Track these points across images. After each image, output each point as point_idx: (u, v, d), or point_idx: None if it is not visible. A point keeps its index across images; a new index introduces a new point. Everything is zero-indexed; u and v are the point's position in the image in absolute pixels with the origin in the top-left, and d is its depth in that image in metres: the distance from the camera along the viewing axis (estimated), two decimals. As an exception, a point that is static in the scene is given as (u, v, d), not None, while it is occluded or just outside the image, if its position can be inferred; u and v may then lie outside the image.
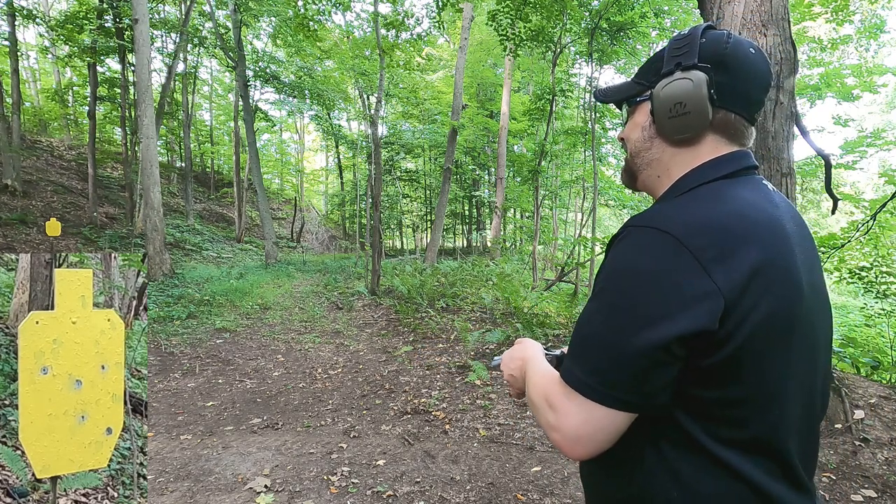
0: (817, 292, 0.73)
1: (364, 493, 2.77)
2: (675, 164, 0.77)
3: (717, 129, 0.74)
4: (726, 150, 0.75)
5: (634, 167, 0.84)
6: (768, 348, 0.64)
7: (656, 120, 0.76)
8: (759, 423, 0.65)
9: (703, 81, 0.71)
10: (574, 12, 8.19)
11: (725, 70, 0.71)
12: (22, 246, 10.09)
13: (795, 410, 0.69)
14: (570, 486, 2.78)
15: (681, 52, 0.74)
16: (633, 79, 0.84)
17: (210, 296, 8.73)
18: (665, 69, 0.76)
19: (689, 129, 0.73)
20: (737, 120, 0.74)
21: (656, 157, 0.79)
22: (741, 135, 0.75)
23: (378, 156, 10.27)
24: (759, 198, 0.71)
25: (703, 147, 0.75)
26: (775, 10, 2.59)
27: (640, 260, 0.65)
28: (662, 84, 0.75)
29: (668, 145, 0.77)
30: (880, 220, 4.48)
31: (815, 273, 0.73)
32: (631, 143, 0.83)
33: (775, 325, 0.64)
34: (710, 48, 0.73)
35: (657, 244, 0.65)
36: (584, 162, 13.59)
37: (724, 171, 0.73)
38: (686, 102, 0.72)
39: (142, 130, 9.34)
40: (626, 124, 0.86)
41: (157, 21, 13.48)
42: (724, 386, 0.64)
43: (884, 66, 9.66)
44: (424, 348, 6.16)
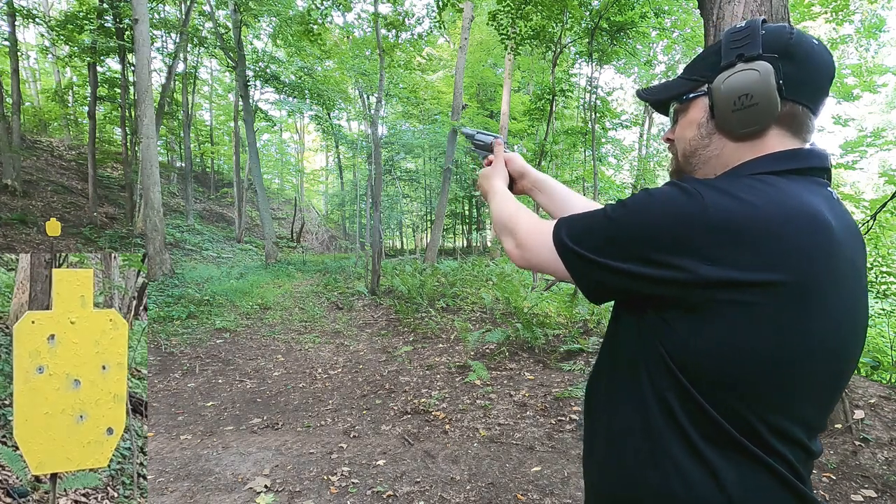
0: (852, 316, 0.68)
1: (364, 493, 2.77)
2: (737, 161, 0.73)
3: (782, 122, 0.71)
4: (791, 144, 0.71)
5: (689, 168, 0.79)
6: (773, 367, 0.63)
7: (717, 114, 0.73)
8: (777, 419, 0.65)
9: (770, 71, 0.67)
10: (574, 12, 8.19)
11: (792, 60, 0.68)
12: (22, 246, 10.09)
13: (810, 411, 0.68)
14: (570, 486, 2.77)
15: (741, 43, 0.71)
16: (682, 76, 0.81)
17: (210, 296, 8.73)
18: (724, 62, 0.72)
19: (757, 122, 0.70)
20: (803, 112, 0.71)
21: (715, 153, 0.75)
22: (806, 128, 0.72)
23: (378, 156, 10.27)
24: (814, 203, 0.65)
25: (768, 141, 0.71)
26: (775, 11, 2.59)
27: (658, 202, 0.66)
28: (724, 76, 0.71)
29: (729, 140, 0.74)
30: (880, 219, 4.48)
31: (856, 297, 0.69)
32: (685, 141, 0.79)
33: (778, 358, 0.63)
34: (773, 39, 0.70)
35: (681, 199, 0.64)
36: (584, 162, 13.59)
37: (785, 167, 0.69)
38: (753, 94, 0.68)
39: (142, 130, 9.34)
40: (676, 124, 0.82)
41: (157, 21, 13.49)
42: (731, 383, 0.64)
43: (884, 65, 9.67)
44: (424, 348, 6.16)
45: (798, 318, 0.62)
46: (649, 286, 0.66)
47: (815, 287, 0.62)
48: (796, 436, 0.67)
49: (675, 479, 0.66)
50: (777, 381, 0.64)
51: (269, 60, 15.98)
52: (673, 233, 0.63)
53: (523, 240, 0.83)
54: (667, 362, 0.67)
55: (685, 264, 0.62)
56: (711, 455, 0.65)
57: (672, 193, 0.65)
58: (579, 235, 0.73)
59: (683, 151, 0.80)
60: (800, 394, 0.66)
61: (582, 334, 5.70)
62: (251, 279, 10.49)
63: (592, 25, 8.66)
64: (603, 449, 0.77)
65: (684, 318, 0.65)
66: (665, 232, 0.64)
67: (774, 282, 0.60)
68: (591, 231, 0.72)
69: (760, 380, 0.63)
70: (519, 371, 4.90)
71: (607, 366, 0.80)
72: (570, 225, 0.75)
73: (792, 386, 0.65)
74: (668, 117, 0.85)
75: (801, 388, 0.65)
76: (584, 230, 0.73)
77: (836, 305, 0.65)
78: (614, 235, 0.68)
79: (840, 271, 0.64)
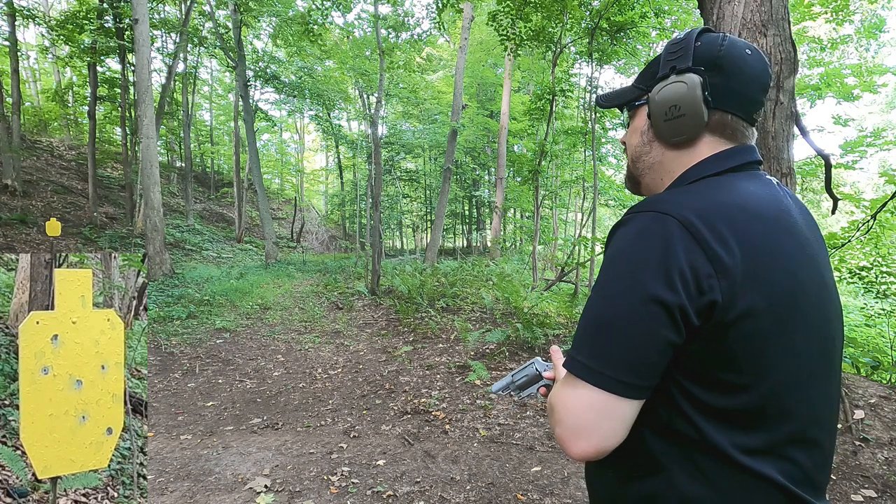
0: (825, 289, 0.72)
1: (364, 493, 2.77)
2: (677, 167, 0.77)
3: (714, 130, 0.74)
4: (725, 148, 0.75)
5: (637, 172, 0.84)
6: (766, 342, 0.64)
7: (653, 123, 0.77)
8: (775, 425, 0.65)
9: (696, 84, 0.71)
10: (574, 12, 8.19)
11: (720, 72, 0.72)
12: (22, 246, 10.09)
13: (809, 409, 0.68)
14: (570, 486, 2.78)
15: (676, 55, 0.75)
16: (633, 83, 0.85)
17: (210, 296, 8.73)
18: (661, 73, 0.77)
19: (686, 131, 0.74)
20: (734, 121, 0.74)
21: (657, 160, 0.79)
22: (740, 135, 0.75)
23: (378, 156, 10.27)
24: (763, 191, 0.71)
25: (701, 148, 0.75)
26: (775, 11, 2.59)
27: (640, 241, 0.66)
28: (658, 88, 0.76)
29: (666, 148, 0.78)
30: (880, 219, 4.47)
31: (823, 269, 0.72)
32: (631, 147, 0.84)
33: (772, 317, 0.64)
34: (704, 51, 0.73)
35: (658, 224, 0.65)
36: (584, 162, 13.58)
37: (726, 165, 0.73)
38: (681, 105, 0.72)
39: (142, 130, 9.34)
40: (628, 128, 0.86)
41: (157, 21, 13.47)
42: (728, 383, 0.64)
43: (884, 65, 9.67)
44: (424, 348, 6.16)
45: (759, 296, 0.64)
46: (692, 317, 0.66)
47: (795, 284, 0.66)
48: (804, 436, 0.67)
49: (667, 484, 0.67)
50: (770, 382, 0.65)
51: (269, 60, 15.97)
52: (668, 256, 0.66)
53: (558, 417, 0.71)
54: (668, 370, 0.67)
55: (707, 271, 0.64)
56: (702, 458, 0.66)
57: (635, 226, 0.68)
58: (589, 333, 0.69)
59: (631, 156, 0.85)
60: (797, 393, 0.67)
61: (582, 334, 5.70)
62: (251, 279, 10.49)
63: (592, 25, 8.66)
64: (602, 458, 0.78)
65: None
66: (661, 260, 0.66)
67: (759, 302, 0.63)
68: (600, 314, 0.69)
69: (754, 381, 0.64)
70: (519, 371, 4.90)
71: None
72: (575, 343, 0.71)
73: (786, 386, 0.66)
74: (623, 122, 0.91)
75: (797, 387, 0.66)
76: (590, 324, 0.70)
77: (807, 276, 0.69)
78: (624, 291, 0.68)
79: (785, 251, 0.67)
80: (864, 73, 9.18)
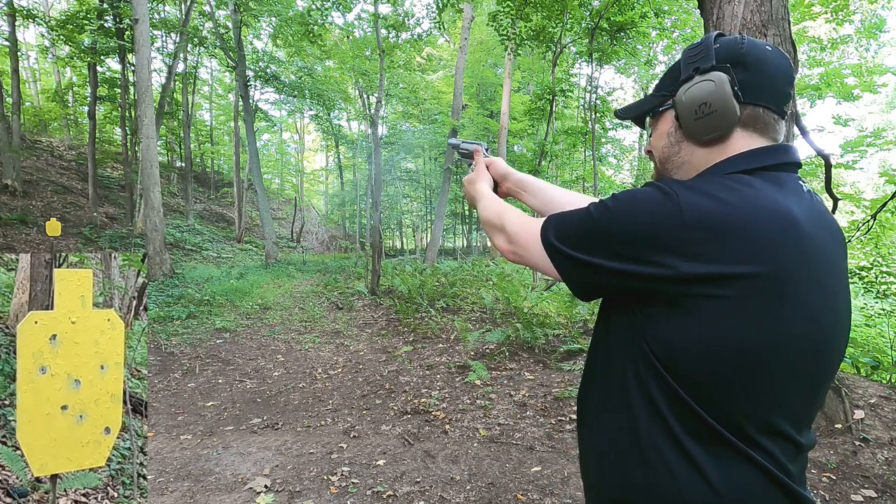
0: (832, 307, 0.69)
1: (364, 493, 2.77)
2: (708, 164, 0.77)
3: (746, 124, 0.74)
4: (758, 143, 0.75)
5: (667, 174, 0.84)
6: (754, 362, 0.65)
7: (682, 124, 0.78)
8: (761, 413, 0.67)
9: (724, 80, 0.72)
10: (574, 12, 8.19)
11: (745, 68, 0.73)
12: (22, 246, 10.09)
13: (795, 404, 0.69)
14: (570, 486, 2.77)
15: (697, 57, 0.76)
16: (653, 92, 0.86)
17: (210, 296, 8.73)
18: (683, 76, 0.77)
19: (718, 127, 0.74)
20: (765, 114, 0.74)
21: (686, 159, 0.80)
22: (771, 128, 0.76)
23: (378, 156, 10.28)
24: (783, 200, 0.68)
25: (734, 143, 0.75)
26: (775, 11, 2.59)
27: (638, 202, 0.69)
28: (684, 89, 0.76)
29: (697, 147, 0.78)
30: (880, 219, 4.48)
31: (834, 288, 0.70)
32: (658, 151, 0.85)
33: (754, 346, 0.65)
34: (725, 50, 0.74)
35: (659, 199, 0.67)
36: (584, 162, 13.59)
37: (755, 164, 0.72)
38: (711, 102, 0.73)
39: (142, 130, 9.34)
40: (651, 136, 0.87)
41: (157, 21, 13.49)
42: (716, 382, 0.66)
43: (884, 65, 9.67)
44: (424, 348, 6.16)
45: (773, 309, 0.64)
46: (633, 282, 0.69)
47: (788, 278, 0.64)
48: (782, 428, 0.68)
49: (664, 477, 0.68)
50: (758, 375, 0.65)
51: (269, 60, 15.98)
52: (653, 231, 0.67)
53: (514, 237, 0.88)
54: (652, 361, 0.69)
55: (666, 261, 0.65)
56: (698, 451, 0.67)
57: (651, 194, 0.69)
58: (566, 235, 0.77)
59: (659, 159, 0.85)
60: (782, 386, 0.67)
61: (582, 334, 5.70)
62: (251, 279, 10.49)
63: (592, 25, 8.66)
64: (595, 449, 0.80)
65: (667, 315, 0.67)
66: (645, 230, 0.67)
67: (748, 274, 0.63)
68: (577, 231, 0.75)
69: (742, 374, 0.65)
70: (519, 371, 4.90)
71: (595, 368, 0.83)
72: (557, 225, 0.79)
73: (773, 378, 0.66)
74: (647, 131, 0.91)
75: (783, 380, 0.67)
76: (570, 230, 0.77)
77: (813, 296, 0.67)
78: (598, 234, 0.72)
79: (813, 263, 0.67)
80: (864, 73, 9.19)
